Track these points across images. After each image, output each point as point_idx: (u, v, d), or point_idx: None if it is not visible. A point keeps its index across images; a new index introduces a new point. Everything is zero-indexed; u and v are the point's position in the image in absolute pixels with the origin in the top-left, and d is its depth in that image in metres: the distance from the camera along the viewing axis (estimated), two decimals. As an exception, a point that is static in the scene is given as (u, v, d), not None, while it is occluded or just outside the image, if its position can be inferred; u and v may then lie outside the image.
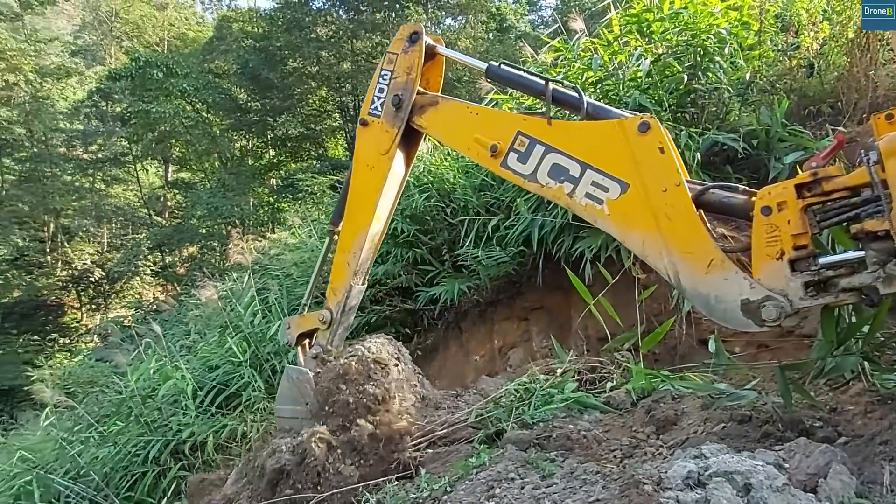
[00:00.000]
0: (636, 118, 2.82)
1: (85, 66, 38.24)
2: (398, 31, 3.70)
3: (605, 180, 2.86)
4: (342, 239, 3.85)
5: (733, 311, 2.60)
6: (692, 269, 2.68)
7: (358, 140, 3.82)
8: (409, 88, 3.58)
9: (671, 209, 2.70)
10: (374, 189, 3.69)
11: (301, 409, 3.73)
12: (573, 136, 3.02)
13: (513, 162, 3.13)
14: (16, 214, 31.67)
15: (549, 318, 6.17)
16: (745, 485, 2.33)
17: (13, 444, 7.66)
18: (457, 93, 22.36)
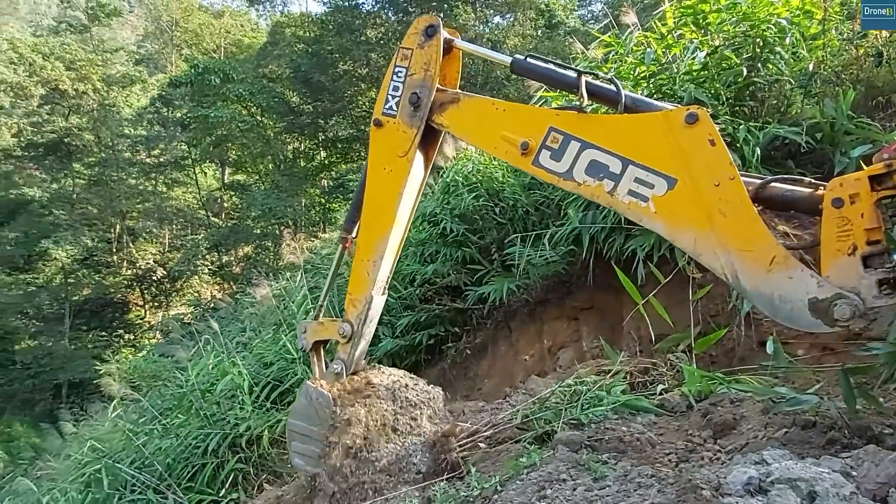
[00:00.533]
0: (682, 109, 2.68)
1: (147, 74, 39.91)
2: (412, 24, 3.47)
3: (649, 176, 2.70)
4: (360, 247, 3.65)
5: (800, 311, 2.44)
6: (752, 268, 2.52)
7: (372, 142, 3.60)
8: (428, 86, 3.37)
9: (726, 205, 2.55)
10: (392, 193, 3.48)
11: (315, 430, 3.58)
12: (612, 130, 2.85)
13: (545, 160, 2.96)
14: (86, 217, 33.38)
15: (600, 318, 6.07)
16: (809, 493, 2.24)
17: (84, 434, 8.04)
18: (505, 91, 22.27)
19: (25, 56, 33.55)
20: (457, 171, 7.79)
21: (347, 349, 3.67)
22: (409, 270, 7.82)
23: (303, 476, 3.75)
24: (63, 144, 33.88)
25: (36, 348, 30.97)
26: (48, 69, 33.16)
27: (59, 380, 29.18)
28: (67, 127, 33.65)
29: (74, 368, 28.80)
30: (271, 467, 6.13)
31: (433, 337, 7.47)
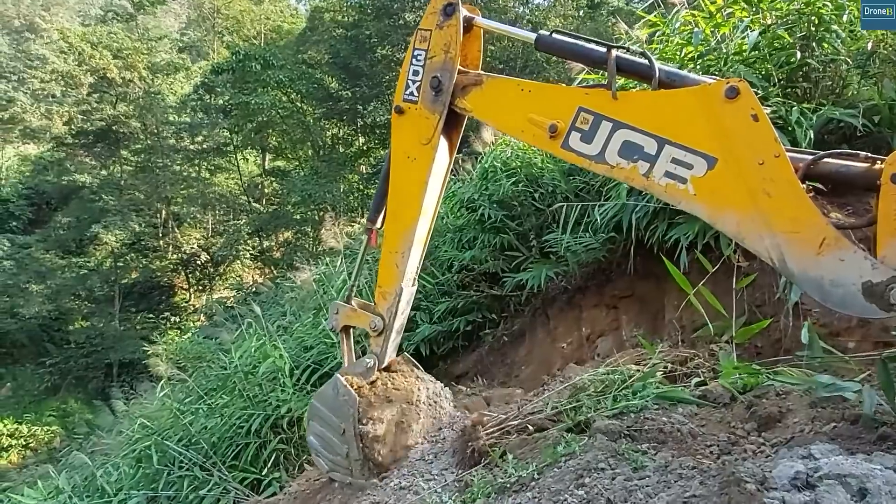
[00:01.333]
0: (722, 82, 2.50)
1: (190, 61, 40.82)
2: (430, 4, 3.28)
3: (687, 156, 2.53)
4: (387, 238, 3.54)
5: (853, 295, 2.28)
6: (801, 251, 2.36)
7: (394, 130, 3.43)
8: (450, 68, 3.19)
9: (771, 184, 2.38)
10: (418, 182, 3.35)
11: (336, 421, 3.60)
12: (646, 108, 2.67)
13: (576, 142, 2.79)
14: (133, 202, 34.50)
15: (640, 307, 5.97)
16: (860, 489, 2.17)
17: (134, 411, 8.36)
18: (545, 75, 21.97)
19: (75, 45, 34.68)
20: (495, 156, 7.74)
21: (380, 342, 3.63)
22: (447, 256, 7.83)
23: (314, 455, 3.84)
24: (111, 132, 34.99)
25: (88, 329, 32.32)
26: (96, 58, 34.21)
27: (110, 359, 30.41)
28: (115, 115, 34.71)
29: (124, 349, 29.98)
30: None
31: (470, 323, 7.48)
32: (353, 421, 3.52)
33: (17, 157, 41.46)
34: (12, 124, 40.65)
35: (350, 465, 3.62)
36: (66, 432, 25.31)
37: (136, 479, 6.73)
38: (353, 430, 3.52)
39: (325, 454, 3.75)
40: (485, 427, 3.58)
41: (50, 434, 26.42)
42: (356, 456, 3.56)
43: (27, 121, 41.10)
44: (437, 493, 3.29)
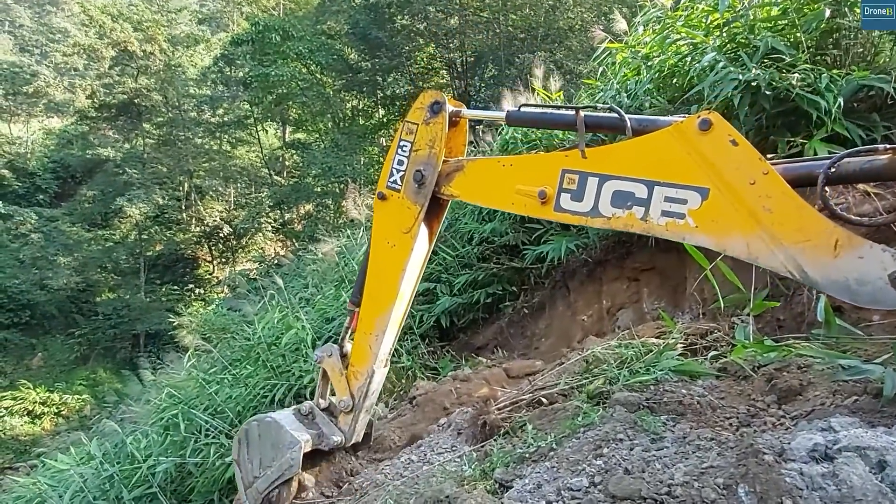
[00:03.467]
0: (692, 118, 2.54)
1: (210, 33, 40.72)
2: (417, 99, 3.39)
3: (679, 192, 2.57)
4: (363, 320, 3.58)
5: (882, 290, 2.24)
6: (817, 258, 2.36)
7: (376, 214, 3.52)
8: (433, 163, 3.26)
9: (769, 200, 2.40)
10: (396, 269, 3.42)
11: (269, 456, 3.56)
12: (626, 156, 2.72)
13: (567, 203, 2.84)
14: (156, 175, 34.89)
15: (661, 280, 5.94)
16: (879, 462, 2.17)
17: (161, 381, 8.59)
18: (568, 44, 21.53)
19: (95, 18, 34.77)
20: (515, 128, 7.67)
21: (348, 420, 3.62)
22: (468, 229, 7.84)
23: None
24: (133, 105, 35.26)
25: (115, 300, 33.07)
26: (117, 30, 34.31)
27: (137, 330, 31.17)
28: (137, 88, 34.91)
29: (150, 320, 30.67)
30: (333, 418, 6.41)
31: (490, 295, 7.51)
32: (277, 477, 3.50)
33: (42, 131, 42.06)
34: (36, 98, 41.17)
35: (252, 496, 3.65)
36: (96, 401, 26.13)
37: (164, 447, 6.95)
38: (270, 484, 3.52)
39: (243, 471, 3.73)
40: (497, 402, 3.65)
41: (81, 402, 27.30)
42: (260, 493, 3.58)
43: (51, 94, 41.61)
44: (457, 462, 3.36)
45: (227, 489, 6.27)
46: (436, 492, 2.73)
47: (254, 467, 3.63)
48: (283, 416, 3.64)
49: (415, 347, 7.19)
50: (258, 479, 3.60)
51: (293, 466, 3.43)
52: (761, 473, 2.24)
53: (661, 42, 6.01)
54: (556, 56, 21.74)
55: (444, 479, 3.00)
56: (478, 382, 5.01)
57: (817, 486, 2.15)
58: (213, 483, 6.36)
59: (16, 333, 30.74)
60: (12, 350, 30.38)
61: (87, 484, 6.86)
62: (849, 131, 4.44)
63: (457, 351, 7.43)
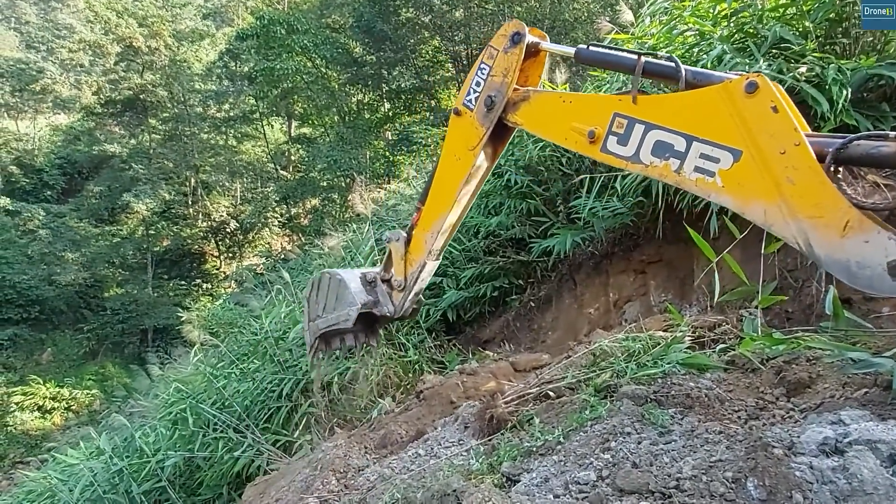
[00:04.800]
0: (741, 79, 2.57)
1: (215, 28, 40.71)
2: (502, 27, 3.56)
3: (714, 150, 2.66)
4: (423, 219, 3.93)
5: (880, 276, 2.30)
6: (825, 235, 2.41)
7: (449, 127, 3.79)
8: (503, 91, 3.48)
9: (794, 172, 2.45)
10: (456, 180, 3.71)
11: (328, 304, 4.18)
12: (673, 108, 2.83)
13: (613, 145, 3.00)
14: (162, 171, 35.02)
15: (669, 272, 5.91)
16: (890, 455, 2.16)
17: (169, 375, 8.64)
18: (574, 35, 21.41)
19: (101, 14, 34.82)
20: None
21: (400, 298, 4.03)
22: (474, 223, 7.81)
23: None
24: (139, 101, 35.38)
25: (123, 296, 33.26)
26: (122, 26, 34.36)
27: (145, 325, 31.36)
28: (142, 83, 35.01)
29: (158, 315, 30.85)
30: (341, 412, 6.42)
31: (497, 289, 7.49)
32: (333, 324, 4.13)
33: (48, 128, 42.24)
34: (43, 94, 41.34)
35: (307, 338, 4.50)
36: (105, 395, 26.38)
37: (172, 441, 7.00)
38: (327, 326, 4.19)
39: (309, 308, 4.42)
40: (504, 396, 3.65)
41: (90, 397, 27.53)
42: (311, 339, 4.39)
43: (57, 91, 41.78)
44: (464, 457, 3.36)
45: (236, 483, 6.31)
46: (443, 486, 2.74)
47: (318, 308, 4.30)
48: (351, 277, 4.14)
49: (421, 341, 7.19)
50: (320, 318, 4.27)
51: (348, 321, 4.00)
52: (770, 467, 2.23)
53: (668, 33, 5.96)
54: (561, 48, 21.57)
55: (451, 473, 3.00)
56: (485, 376, 5.01)
57: (827, 479, 2.14)
58: (221, 477, 6.40)
59: (25, 329, 31.00)
60: (22, 345, 30.64)
61: (96, 478, 6.92)
62: (857, 122, 4.39)
63: (463, 345, 7.42)
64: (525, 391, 3.75)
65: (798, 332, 3.83)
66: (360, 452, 4.31)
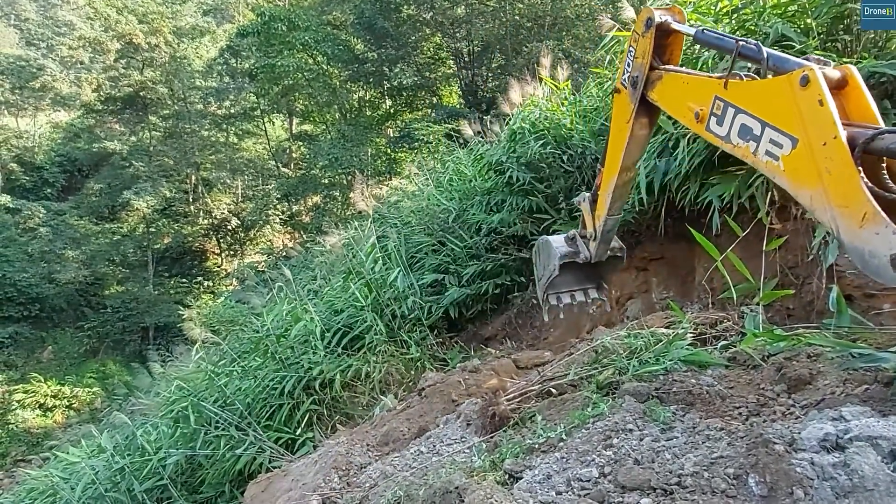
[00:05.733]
0: (799, 71, 2.72)
1: (215, 24, 40.64)
2: (640, 11, 3.81)
3: (779, 137, 2.83)
4: (603, 180, 4.40)
5: (885, 266, 2.44)
6: (848, 224, 2.58)
7: (613, 103, 4.20)
8: (641, 72, 3.77)
9: (830, 163, 2.60)
10: (619, 149, 4.07)
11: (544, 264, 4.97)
12: (752, 94, 3.02)
13: (713, 125, 3.22)
14: (163, 168, 34.98)
15: (670, 270, 5.92)
16: (891, 451, 2.16)
17: (171, 373, 8.63)
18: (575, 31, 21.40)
19: (100, 11, 34.76)
20: (523, 118, 7.61)
21: (594, 247, 4.60)
22: (475, 220, 7.82)
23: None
24: (139, 98, 35.33)
25: (124, 293, 33.25)
26: (122, 23, 34.31)
27: (146, 323, 31.35)
28: (142, 80, 34.95)
29: (159, 313, 30.85)
30: (343, 409, 6.44)
31: (499, 286, 7.50)
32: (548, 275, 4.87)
33: (48, 125, 42.20)
34: (43, 92, 41.30)
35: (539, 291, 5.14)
36: (106, 393, 26.40)
37: (174, 439, 7.00)
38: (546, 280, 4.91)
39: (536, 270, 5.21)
40: (506, 393, 3.67)
41: (91, 395, 27.56)
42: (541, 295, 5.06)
43: (57, 88, 41.72)
44: (466, 454, 3.37)
45: (238, 480, 6.32)
46: (445, 483, 2.74)
47: (539, 269, 5.09)
48: (555, 238, 4.92)
49: (423, 338, 7.20)
50: (542, 276, 5.00)
51: (554, 270, 4.74)
52: (771, 463, 2.24)
53: (669, 30, 5.94)
54: (563, 45, 21.57)
55: (453, 471, 3.01)
56: (487, 373, 5.02)
57: (828, 475, 2.15)
58: (223, 475, 6.40)
59: (26, 327, 31.00)
60: (23, 343, 30.66)
61: (98, 476, 6.93)
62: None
63: (465, 342, 7.44)
64: (527, 388, 3.76)
65: (799, 328, 3.84)
66: (362, 450, 4.33)
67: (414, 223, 8.97)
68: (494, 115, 9.36)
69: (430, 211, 8.86)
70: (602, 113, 7.04)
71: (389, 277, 7.47)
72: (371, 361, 6.61)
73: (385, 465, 3.76)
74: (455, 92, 30.15)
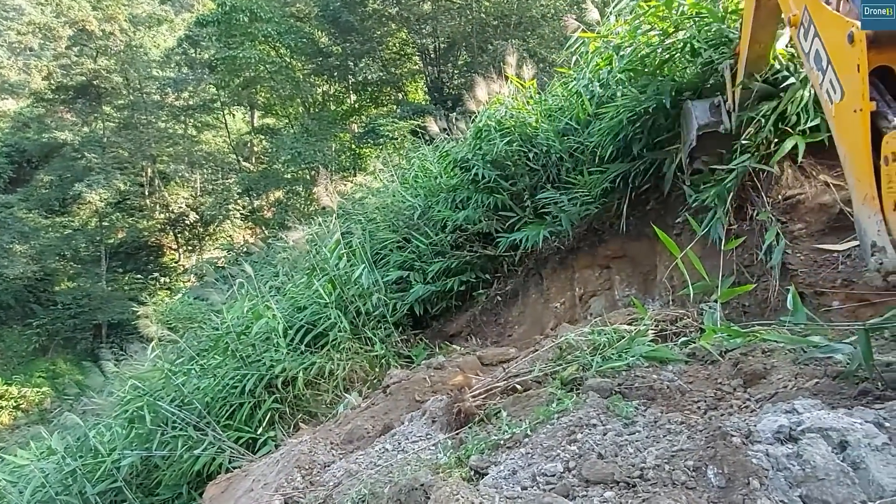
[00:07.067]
0: (850, 24, 2.69)
1: (174, 13, 39.51)
2: None
3: (835, 81, 2.82)
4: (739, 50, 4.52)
5: (866, 249, 2.65)
6: (856, 198, 2.73)
7: None
8: None
9: (853, 133, 2.68)
10: (748, 19, 4.16)
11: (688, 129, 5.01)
12: (824, 24, 2.93)
13: (800, 36, 3.17)
14: (117, 160, 33.83)
15: (633, 267, 6.04)
16: (840, 442, 2.25)
17: (125, 372, 8.35)
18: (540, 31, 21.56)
19: (51, -5, 33.42)
20: (489, 115, 7.65)
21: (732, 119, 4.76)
22: (441, 217, 7.83)
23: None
24: (92, 87, 34.08)
25: (75, 289, 32.07)
26: (75, 9, 33.07)
27: (99, 320, 30.32)
28: (96, 69, 33.73)
29: (112, 310, 29.87)
30: (306, 408, 6.35)
31: (464, 283, 7.53)
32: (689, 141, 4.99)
33: (-5, 114, 40.37)
34: (-11, 79, 39.48)
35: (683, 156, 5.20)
36: (56, 393, 25.42)
37: (129, 440, 6.78)
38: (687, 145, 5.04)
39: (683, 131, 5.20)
40: (471, 389, 3.68)
41: (40, 395, 26.51)
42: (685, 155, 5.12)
43: (5, 76, 39.86)
44: (432, 451, 3.37)
45: (196, 482, 6.17)
46: (411, 480, 2.74)
47: (683, 133, 5.14)
48: (699, 105, 4.92)
49: (388, 336, 7.17)
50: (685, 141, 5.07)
51: (693, 139, 4.84)
52: (729, 455, 2.31)
53: (632, 32, 6.06)
54: (529, 44, 21.72)
55: (418, 468, 3.01)
56: (452, 370, 5.03)
57: (782, 466, 2.22)
58: (180, 476, 6.24)
59: (-30, 324, 29.70)
60: (-33, 342, 29.37)
61: (48, 479, 6.69)
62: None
63: (430, 339, 7.43)
64: (492, 385, 3.79)
65: (755, 325, 3.96)
66: (325, 448, 4.29)
67: (379, 220, 8.92)
68: (460, 112, 9.37)
69: (396, 207, 8.83)
70: (567, 112, 7.12)
71: (354, 274, 7.42)
72: (335, 359, 6.54)
73: (349, 464, 3.73)
74: (421, 88, 30.05)
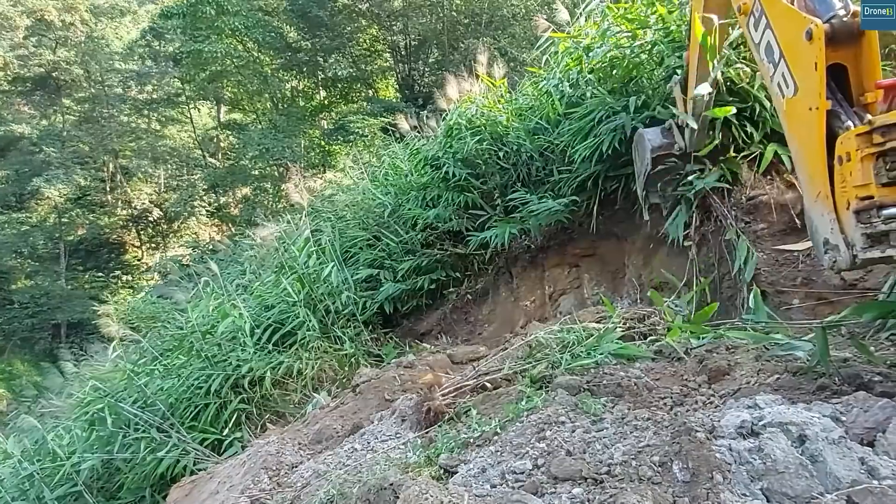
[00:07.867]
0: (808, 21, 2.64)
1: (137, 4, 38.51)
2: None
3: (788, 76, 2.79)
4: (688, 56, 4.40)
5: (819, 245, 2.70)
6: (808, 195, 2.75)
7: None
8: None
9: (807, 131, 2.67)
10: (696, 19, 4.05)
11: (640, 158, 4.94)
12: (785, 19, 2.86)
13: (751, 25, 3.12)
14: (77, 154, 32.87)
15: (602, 266, 6.12)
16: (800, 436, 2.32)
17: (85, 373, 8.14)
18: (511, 31, 21.63)
19: (8, -16, 32.29)
20: (460, 114, 7.65)
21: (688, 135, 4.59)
22: (411, 215, 7.81)
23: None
24: (51, 79, 33.03)
25: (33, 288, 31.10)
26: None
27: (58, 320, 29.45)
28: (55, 60, 32.71)
29: (72, 309, 29.03)
30: (274, 408, 6.27)
31: (434, 281, 7.53)
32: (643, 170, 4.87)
33: (-53, 106, 38.85)
34: (-59, 69, 37.98)
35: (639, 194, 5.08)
36: (12, 395, 24.60)
37: (89, 443, 6.63)
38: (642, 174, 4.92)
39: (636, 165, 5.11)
40: (441, 388, 3.68)
41: (-5, 397, 25.65)
42: (641, 186, 5.01)
43: (-43, 66, 38.46)
44: (401, 450, 3.36)
45: (160, 485, 6.05)
46: (380, 479, 2.72)
47: (638, 164, 5.02)
48: (650, 131, 4.82)
49: (358, 334, 7.12)
50: (639, 173, 4.97)
51: (647, 164, 4.72)
52: (693, 450, 2.35)
53: (601, 34, 6.12)
54: (500, 43, 21.78)
55: (388, 467, 3.00)
56: (422, 369, 5.03)
57: (744, 460, 2.28)
58: (143, 479, 6.12)
59: (-79, 324, 28.57)
60: (-82, 341, 28.24)
61: (4, 484, 6.52)
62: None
63: (400, 337, 7.41)
64: (462, 383, 3.79)
65: (719, 323, 4.05)
66: (293, 449, 4.24)
67: (349, 217, 8.86)
68: (431, 110, 9.35)
69: (366, 205, 8.77)
70: (537, 111, 7.17)
71: (323, 272, 7.35)
72: (303, 358, 6.47)
73: (318, 464, 3.70)
74: (391, 85, 29.88)
